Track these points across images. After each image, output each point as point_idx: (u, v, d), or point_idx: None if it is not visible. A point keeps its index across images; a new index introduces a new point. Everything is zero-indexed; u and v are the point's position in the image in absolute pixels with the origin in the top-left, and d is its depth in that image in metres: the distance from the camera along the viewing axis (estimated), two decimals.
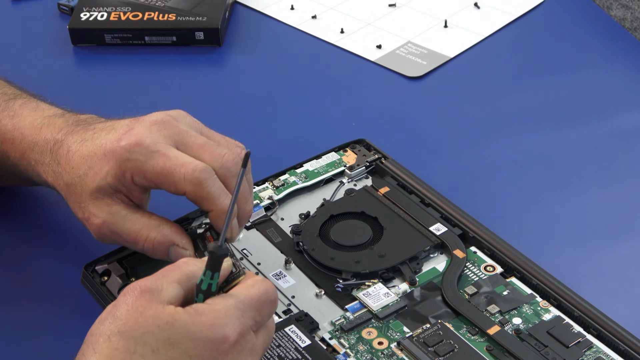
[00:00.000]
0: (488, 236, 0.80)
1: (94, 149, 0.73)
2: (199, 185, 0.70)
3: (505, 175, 0.90)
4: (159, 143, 0.71)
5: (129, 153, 0.71)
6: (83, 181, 0.73)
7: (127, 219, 0.73)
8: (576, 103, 0.98)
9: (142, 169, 0.71)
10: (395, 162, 0.88)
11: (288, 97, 1.01)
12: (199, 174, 0.70)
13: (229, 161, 0.72)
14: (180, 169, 0.70)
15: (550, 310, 0.74)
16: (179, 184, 0.70)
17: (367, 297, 0.76)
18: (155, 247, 0.73)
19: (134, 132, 0.72)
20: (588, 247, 0.82)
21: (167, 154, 0.71)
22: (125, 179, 0.72)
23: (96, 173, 0.72)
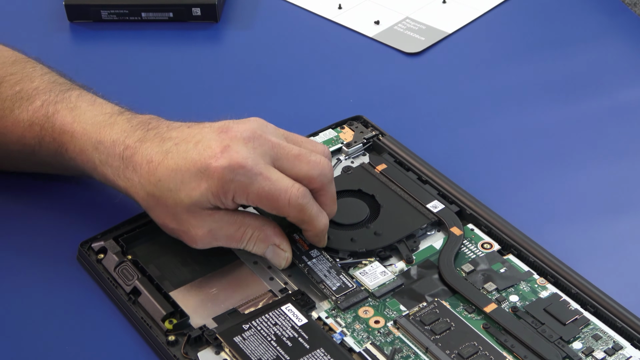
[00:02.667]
0: (485, 213, 0.79)
1: (184, 163, 0.72)
2: (301, 211, 0.73)
3: (503, 152, 0.89)
4: (260, 164, 0.72)
5: (232, 174, 0.71)
6: (176, 195, 0.73)
7: (230, 223, 0.74)
8: (575, 78, 0.97)
9: (245, 191, 0.72)
10: (393, 138, 0.87)
11: (285, 73, 1.01)
12: (302, 199, 0.72)
13: (325, 168, 0.75)
14: (284, 194, 0.72)
15: (547, 287, 0.74)
16: (283, 209, 0.73)
17: (363, 275, 0.75)
18: (257, 245, 0.75)
19: (232, 151, 0.72)
20: (586, 223, 0.82)
21: (270, 177, 0.72)
22: (226, 198, 0.72)
23: (192, 189, 0.72)
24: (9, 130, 0.81)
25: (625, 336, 0.70)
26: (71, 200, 0.85)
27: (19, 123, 0.80)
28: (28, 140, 0.81)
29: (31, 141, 0.81)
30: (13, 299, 0.77)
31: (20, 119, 0.80)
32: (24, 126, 0.80)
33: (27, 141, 0.81)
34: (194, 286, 0.76)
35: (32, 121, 0.80)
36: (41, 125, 0.80)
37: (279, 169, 0.73)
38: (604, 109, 0.93)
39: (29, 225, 0.83)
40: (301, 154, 0.74)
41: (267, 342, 0.70)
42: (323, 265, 0.76)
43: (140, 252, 0.78)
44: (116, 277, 0.76)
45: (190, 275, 0.77)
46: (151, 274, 0.76)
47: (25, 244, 0.82)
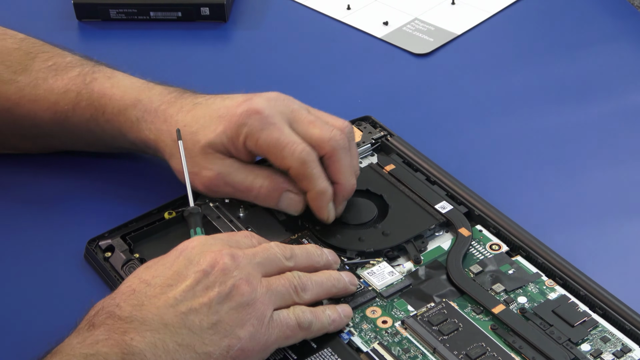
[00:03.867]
0: (494, 214, 0.79)
1: (209, 111, 0.78)
2: (303, 165, 0.75)
3: (511, 154, 0.89)
4: (276, 116, 0.76)
5: (247, 118, 0.76)
6: (194, 137, 0.77)
7: (240, 170, 0.78)
8: (584, 81, 0.97)
9: (256, 136, 0.75)
10: (401, 139, 0.87)
11: (294, 73, 1.01)
12: (306, 155, 0.75)
13: (336, 135, 0.77)
14: (291, 145, 0.75)
15: (555, 289, 0.73)
16: (286, 159, 0.75)
17: (371, 275, 0.75)
18: (269, 194, 0.77)
19: (252, 101, 0.76)
20: (595, 226, 0.81)
21: (281, 129, 0.75)
22: (238, 141, 0.76)
23: (210, 131, 0.77)
24: (41, 98, 0.84)
25: (633, 338, 0.69)
26: (79, 197, 0.85)
27: (52, 90, 0.84)
28: (61, 106, 0.83)
29: (64, 107, 0.83)
30: (19, 296, 0.77)
31: (55, 87, 0.84)
32: (58, 93, 0.83)
33: (60, 107, 0.84)
34: None
35: (67, 88, 0.84)
36: (77, 91, 0.83)
37: (293, 130, 0.76)
38: (613, 112, 0.93)
39: (36, 222, 0.83)
40: (316, 121, 0.77)
41: None
42: None
43: (148, 251, 0.78)
44: (123, 276, 0.76)
45: None
46: None
47: (33, 241, 0.82)
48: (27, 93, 0.84)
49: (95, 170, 0.88)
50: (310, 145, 0.76)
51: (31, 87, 0.84)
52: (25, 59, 0.86)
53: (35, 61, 0.85)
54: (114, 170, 0.88)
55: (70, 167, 0.88)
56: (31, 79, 0.84)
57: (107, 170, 0.88)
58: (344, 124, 0.79)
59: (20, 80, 0.84)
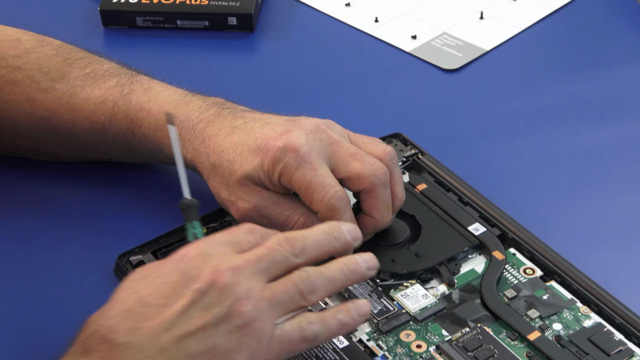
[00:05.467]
0: (528, 238, 0.79)
1: (247, 139, 0.76)
2: (332, 211, 0.73)
3: (543, 173, 0.88)
4: (313, 154, 0.74)
5: (283, 154, 0.73)
6: (232, 166, 0.76)
7: (278, 203, 0.76)
8: (617, 99, 0.96)
9: (290, 174, 0.73)
10: (432, 157, 0.87)
11: (321, 86, 1.00)
12: (336, 201, 0.73)
13: (378, 170, 0.75)
14: (321, 190, 0.73)
15: (590, 316, 0.73)
16: (315, 203, 0.73)
17: (405, 298, 0.75)
18: (305, 227, 0.75)
19: (291, 135, 0.74)
20: (630, 249, 0.81)
21: (316, 169, 0.73)
22: (273, 176, 0.74)
23: (247, 162, 0.75)
24: (79, 107, 0.83)
25: None
26: (109, 210, 0.85)
27: (90, 99, 0.83)
28: (98, 116, 0.83)
29: (101, 117, 0.82)
30: (48, 312, 0.77)
31: (93, 96, 0.83)
32: (95, 102, 0.83)
33: (97, 117, 0.83)
34: None
35: (104, 98, 0.82)
36: (114, 102, 0.82)
37: (333, 166, 0.75)
38: None
39: (67, 235, 0.83)
40: (357, 154, 0.75)
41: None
42: (364, 289, 0.75)
43: None
44: None
45: None
46: None
47: (63, 255, 0.81)
48: (65, 102, 0.83)
49: (126, 183, 0.87)
50: (348, 183, 0.75)
51: (69, 95, 0.83)
52: (62, 65, 0.85)
53: (72, 68, 0.85)
54: (145, 183, 0.87)
55: (101, 180, 0.88)
56: (69, 87, 0.84)
57: (138, 183, 0.87)
58: (386, 152, 0.77)
59: (58, 88, 0.84)
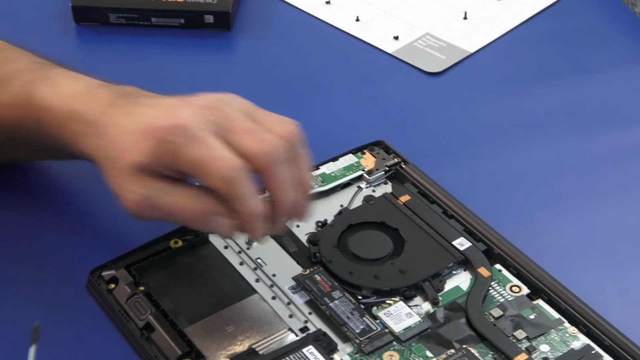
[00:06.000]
0: (514, 254, 0.76)
1: (135, 125, 0.70)
2: (229, 184, 0.67)
3: (530, 184, 0.86)
4: (201, 129, 0.68)
5: (170, 135, 0.68)
6: (120, 156, 0.70)
7: (168, 192, 0.70)
8: (605, 106, 0.94)
9: (178, 154, 0.68)
10: (416, 167, 0.84)
11: (300, 88, 0.97)
12: (232, 172, 0.67)
13: (271, 147, 0.69)
14: (214, 162, 0.67)
15: (578, 337, 0.71)
16: (211, 178, 0.67)
17: (388, 316, 0.72)
18: (197, 218, 0.70)
19: (179, 113, 0.69)
20: (619, 267, 0.78)
21: (206, 143, 0.67)
22: (163, 160, 0.69)
23: (134, 150, 0.69)
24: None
25: None
26: (81, 223, 0.82)
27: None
28: (7, 121, 0.78)
29: (11, 122, 0.78)
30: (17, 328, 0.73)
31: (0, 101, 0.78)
32: (3, 107, 0.78)
33: (6, 122, 0.78)
34: (210, 322, 0.72)
35: (11, 102, 0.77)
36: (20, 105, 0.77)
37: (226, 141, 0.68)
38: (631, 142, 0.90)
39: (37, 249, 0.79)
40: (252, 130, 0.69)
41: None
42: (346, 307, 0.72)
43: (153, 283, 0.75)
44: (128, 310, 0.72)
45: (205, 310, 0.73)
46: (165, 307, 0.72)
47: (33, 269, 0.78)
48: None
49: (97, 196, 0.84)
50: (242, 160, 0.68)
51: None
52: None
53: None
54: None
55: (70, 192, 0.84)
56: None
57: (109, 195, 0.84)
58: (287, 131, 0.70)
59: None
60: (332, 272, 0.75)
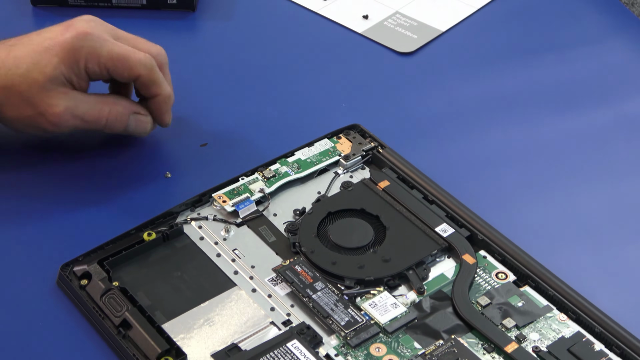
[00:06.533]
0: (498, 239, 0.74)
1: (32, 47, 0.76)
2: (151, 70, 0.78)
3: (509, 166, 0.84)
4: (104, 34, 0.78)
5: (81, 42, 0.76)
6: (28, 77, 0.76)
7: (86, 100, 0.78)
8: (579, 84, 0.92)
9: (96, 55, 0.76)
10: (393, 151, 0.82)
11: (268, 70, 0.94)
12: (151, 60, 0.78)
13: (160, 49, 0.81)
14: (135, 54, 0.77)
15: (568, 324, 0.69)
16: (134, 68, 0.77)
17: (373, 308, 0.70)
18: (117, 118, 0.79)
19: (77, 26, 0.77)
20: (604, 249, 0.77)
21: (117, 43, 0.78)
22: (78, 67, 0.77)
23: (45, 66, 0.76)
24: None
25: None
26: (50, 217, 0.78)
27: None
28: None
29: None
30: None
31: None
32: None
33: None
34: (189, 317, 0.70)
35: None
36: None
37: None
38: (613, 119, 0.88)
39: (4, 245, 0.76)
40: (138, 37, 0.81)
41: None
42: (329, 298, 0.70)
43: (128, 278, 0.72)
44: (103, 307, 0.69)
45: (183, 305, 0.71)
46: (141, 303, 0.69)
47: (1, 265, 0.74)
48: None
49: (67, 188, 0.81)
50: None
51: None
52: None
53: None
54: (87, 187, 0.81)
55: (39, 185, 0.81)
56: None
57: (79, 187, 0.81)
58: (158, 51, 0.81)
59: None
60: (314, 262, 0.73)
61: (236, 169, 0.80)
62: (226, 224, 0.76)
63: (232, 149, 0.85)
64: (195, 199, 0.77)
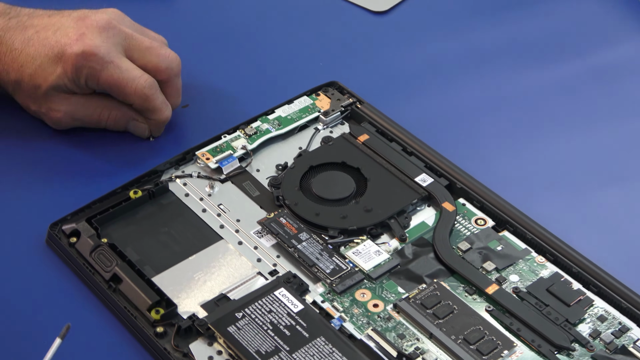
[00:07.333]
0: (476, 187, 0.76)
1: (43, 49, 0.78)
2: (146, 100, 0.79)
3: (485, 118, 0.86)
4: (112, 53, 0.78)
5: (85, 61, 0.77)
6: (34, 80, 0.78)
7: (87, 105, 0.80)
8: (553, 37, 0.94)
9: (96, 77, 0.78)
10: (372, 106, 0.83)
11: (246, 32, 0.95)
12: (147, 90, 0.79)
13: (173, 61, 0.81)
14: (131, 83, 0.78)
15: (546, 266, 0.72)
16: (129, 97, 0.79)
17: (357, 255, 0.72)
18: (117, 122, 0.81)
19: (86, 39, 0.77)
20: (579, 194, 0.79)
21: (120, 66, 0.78)
22: (79, 82, 0.78)
23: (50, 73, 0.78)
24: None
25: (631, 317, 0.68)
26: (37, 177, 0.79)
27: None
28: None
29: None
30: None
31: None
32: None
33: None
34: (177, 270, 0.72)
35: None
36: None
37: (130, 59, 0.79)
38: (583, 71, 0.90)
39: None
40: (152, 47, 0.80)
41: (264, 331, 0.66)
42: (314, 247, 0.72)
43: (116, 234, 0.73)
44: (93, 263, 0.71)
45: (171, 259, 0.72)
46: (130, 258, 0.71)
47: None
48: None
49: (54, 147, 0.82)
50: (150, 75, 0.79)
51: None
52: None
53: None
54: (74, 146, 0.82)
55: (26, 144, 0.82)
56: None
57: (66, 146, 0.82)
58: (164, 43, 0.83)
59: None
60: (298, 214, 0.74)
61: (218, 128, 0.81)
62: (210, 180, 0.77)
63: (213, 109, 0.86)
64: (179, 157, 0.79)
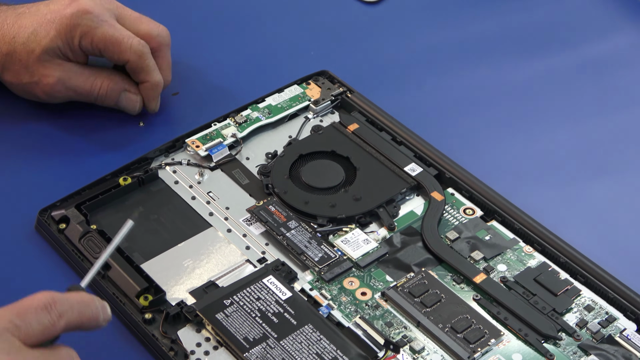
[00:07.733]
0: (465, 177, 0.77)
1: (36, 18, 0.79)
2: (141, 57, 0.79)
3: (475, 108, 0.86)
4: (105, 14, 0.79)
5: (78, 19, 0.77)
6: (28, 47, 0.78)
7: (80, 73, 0.80)
8: (545, 27, 0.95)
9: (90, 34, 0.78)
10: (362, 95, 0.84)
11: (237, 20, 0.95)
12: (143, 47, 0.79)
13: (163, 31, 0.82)
14: (127, 39, 0.79)
15: (534, 255, 0.72)
16: (124, 53, 0.79)
17: (345, 244, 0.72)
18: (108, 93, 0.81)
19: (80, 2, 0.78)
20: (567, 185, 0.80)
21: (114, 25, 0.79)
22: (73, 43, 0.78)
23: (43, 37, 0.78)
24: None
25: (617, 307, 0.68)
26: (26, 163, 0.79)
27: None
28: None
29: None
30: None
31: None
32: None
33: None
34: (166, 257, 0.72)
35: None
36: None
37: (124, 26, 0.80)
38: (575, 63, 0.91)
39: None
40: (141, 17, 0.82)
41: (252, 318, 0.66)
42: (303, 236, 0.72)
43: (105, 221, 0.74)
44: (82, 249, 0.71)
45: (160, 245, 0.72)
46: (119, 245, 0.71)
47: None
48: None
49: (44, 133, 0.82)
50: None
51: None
52: None
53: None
54: (64, 131, 0.82)
55: (16, 130, 0.82)
56: None
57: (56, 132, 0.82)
58: (162, 28, 0.82)
59: None
60: (287, 202, 0.74)
61: (208, 115, 0.81)
62: (200, 168, 0.78)
63: (204, 97, 0.86)
64: (169, 144, 0.79)
